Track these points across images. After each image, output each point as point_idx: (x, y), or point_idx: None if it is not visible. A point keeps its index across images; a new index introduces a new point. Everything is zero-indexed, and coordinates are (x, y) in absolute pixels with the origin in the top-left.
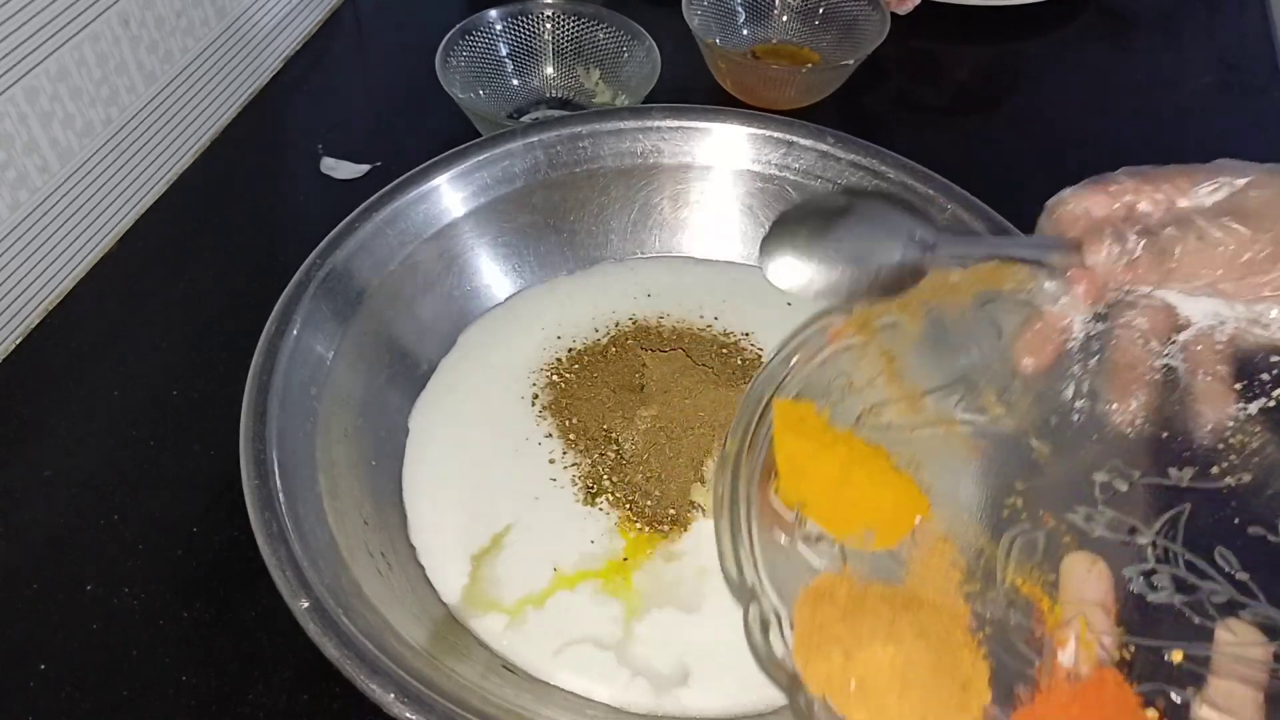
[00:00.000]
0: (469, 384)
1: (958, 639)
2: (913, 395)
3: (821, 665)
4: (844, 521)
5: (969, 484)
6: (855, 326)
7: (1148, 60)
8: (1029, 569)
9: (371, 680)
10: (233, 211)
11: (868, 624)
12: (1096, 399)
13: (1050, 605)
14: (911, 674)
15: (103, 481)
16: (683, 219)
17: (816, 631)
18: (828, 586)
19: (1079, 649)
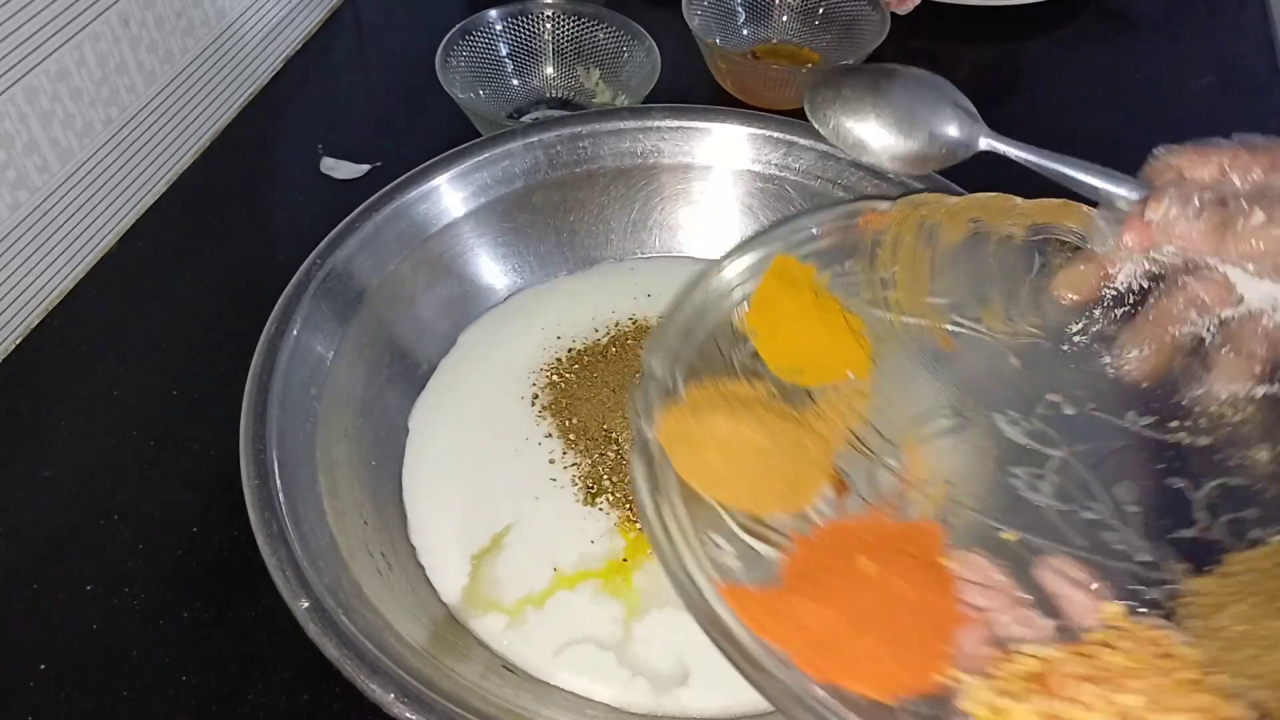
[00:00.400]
0: (469, 384)
1: (812, 454)
2: (919, 292)
3: (674, 421)
4: (782, 353)
5: (922, 374)
6: (895, 220)
7: (1148, 60)
8: (923, 439)
9: (371, 680)
10: (233, 211)
11: (736, 407)
12: (1098, 339)
13: (919, 468)
14: (741, 450)
15: (103, 481)
16: (683, 219)
17: (689, 404)
18: (729, 386)
19: (924, 502)
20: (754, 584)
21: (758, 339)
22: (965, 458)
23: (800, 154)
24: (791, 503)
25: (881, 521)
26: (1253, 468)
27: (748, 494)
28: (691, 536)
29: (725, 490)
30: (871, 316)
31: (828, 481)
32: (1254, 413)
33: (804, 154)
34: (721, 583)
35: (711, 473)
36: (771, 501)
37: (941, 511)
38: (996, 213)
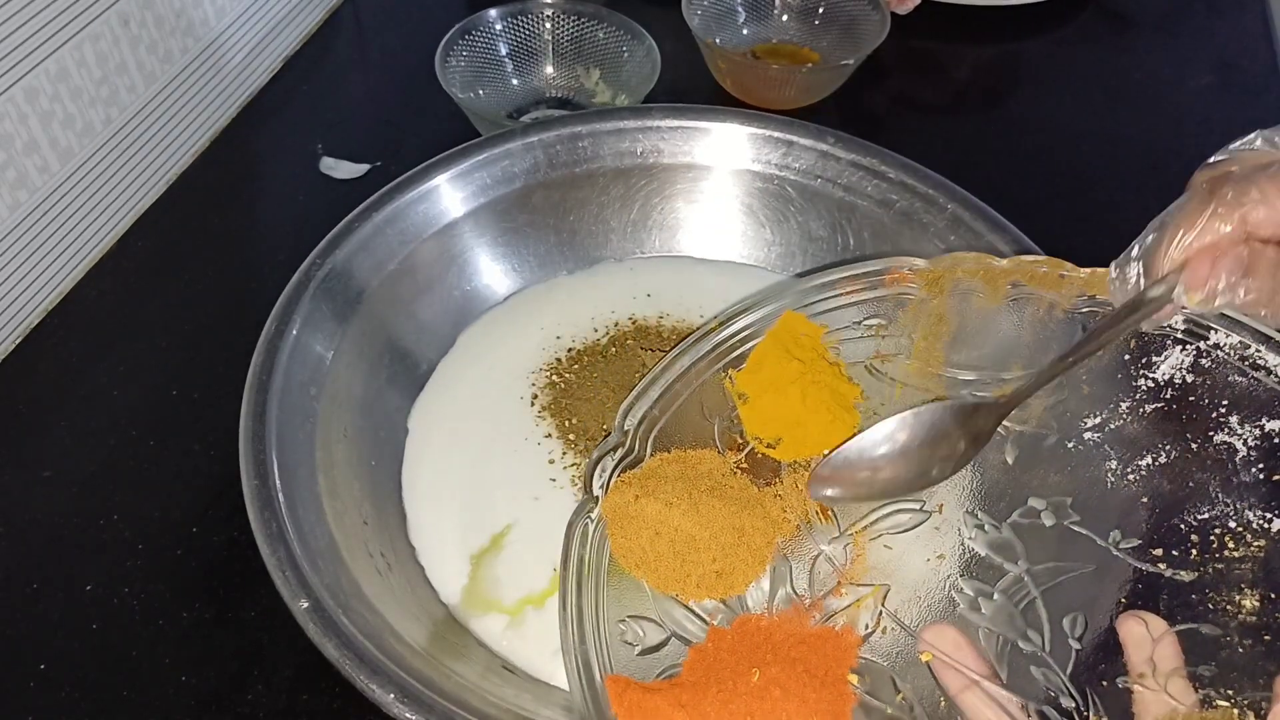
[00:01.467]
0: (468, 384)
1: (751, 543)
2: (932, 363)
3: (621, 493)
4: (763, 421)
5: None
6: (926, 279)
7: (1148, 60)
8: (877, 533)
9: (371, 680)
10: (233, 211)
11: (684, 488)
12: (1113, 439)
13: (861, 565)
14: (675, 537)
15: (103, 481)
16: (682, 219)
17: (642, 476)
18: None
19: (853, 606)
20: (652, 676)
21: (744, 404)
22: (915, 561)
23: (800, 154)
24: (718, 591)
25: (801, 623)
26: (1232, 615)
27: (676, 579)
28: (605, 618)
29: (654, 573)
30: (873, 385)
31: (763, 572)
32: (1260, 549)
33: (804, 154)
34: (611, 672)
35: (645, 554)
36: (699, 589)
37: (869, 619)
38: (1044, 280)
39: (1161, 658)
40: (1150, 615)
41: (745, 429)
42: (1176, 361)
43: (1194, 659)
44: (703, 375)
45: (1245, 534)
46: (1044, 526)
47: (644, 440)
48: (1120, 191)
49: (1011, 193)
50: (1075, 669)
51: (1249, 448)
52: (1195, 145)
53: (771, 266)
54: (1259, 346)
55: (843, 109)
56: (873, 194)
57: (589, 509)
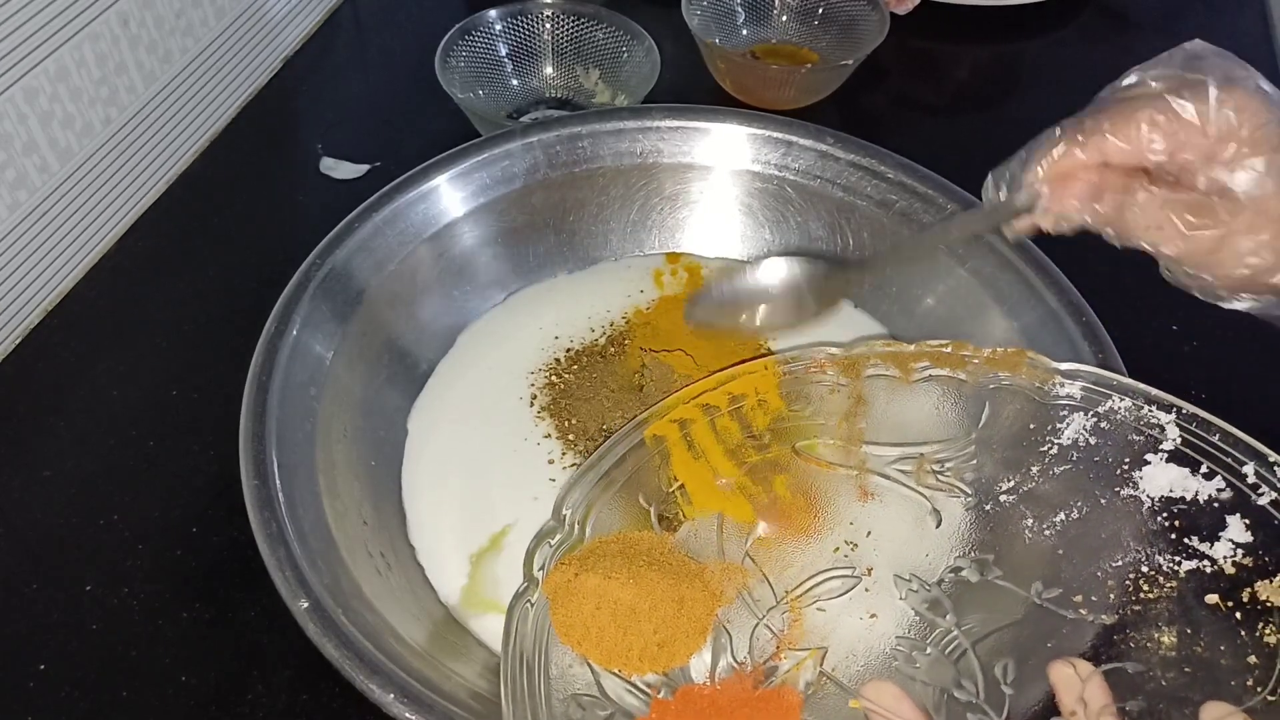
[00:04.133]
0: (468, 384)
1: (692, 613)
2: (855, 439)
3: (561, 573)
4: (701, 500)
5: (831, 531)
6: (842, 368)
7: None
8: (812, 598)
9: (371, 680)
10: (233, 211)
11: (623, 563)
12: (1027, 499)
13: (799, 629)
14: (615, 610)
15: (103, 481)
16: (682, 219)
17: (583, 555)
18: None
19: (792, 669)
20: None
21: (681, 490)
22: (849, 622)
23: (799, 154)
24: (661, 663)
25: (744, 688)
26: (1152, 652)
27: (619, 653)
28: (549, 698)
29: (597, 648)
30: (798, 465)
31: (703, 642)
32: (1172, 589)
33: (803, 154)
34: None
35: (587, 628)
36: (641, 662)
37: (809, 678)
38: (950, 361)
39: (1091, 697)
40: (1078, 660)
41: (685, 510)
42: (1079, 426)
43: (1122, 695)
44: (640, 463)
45: (1158, 576)
46: (970, 582)
47: (583, 525)
48: None
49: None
50: (1010, 713)
51: (1152, 499)
52: None
53: None
54: (1150, 407)
55: (842, 109)
56: (872, 194)
57: (529, 592)
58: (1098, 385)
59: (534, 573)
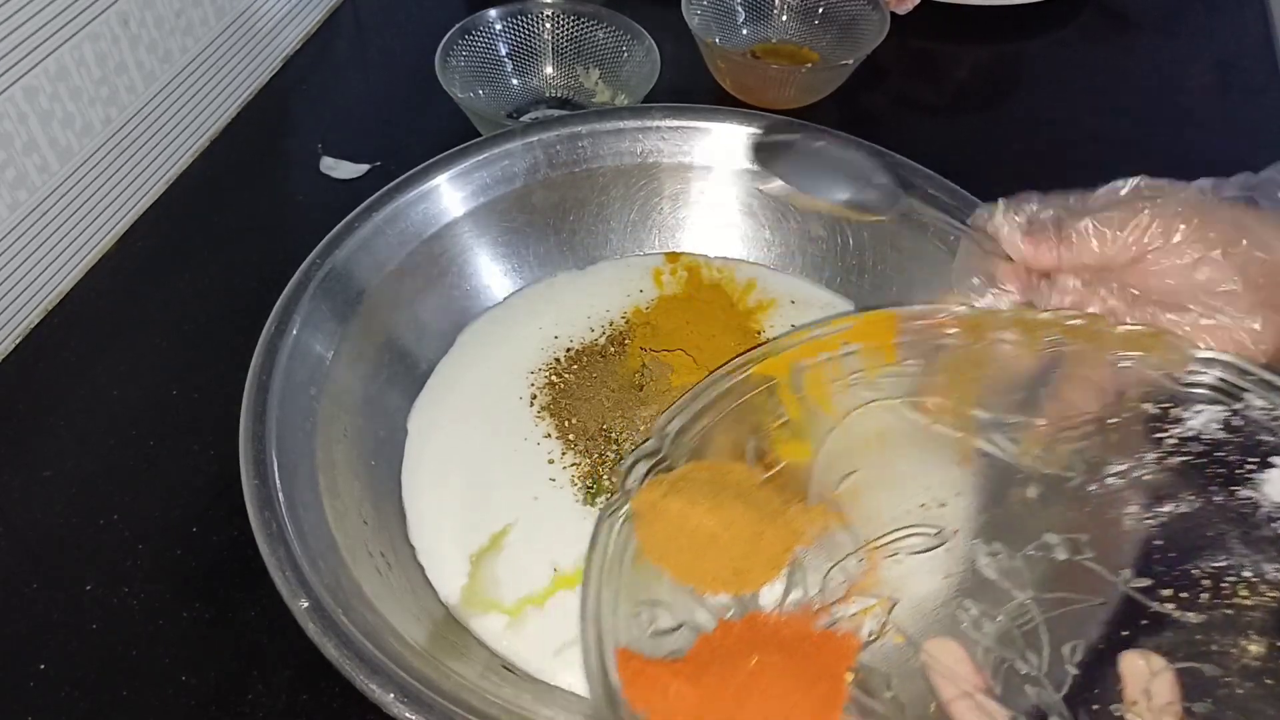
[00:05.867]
0: (468, 384)
1: (768, 548)
2: (965, 403)
3: (652, 491)
4: (803, 440)
5: (924, 488)
6: (966, 328)
7: (1148, 60)
8: (892, 551)
9: (371, 680)
10: (233, 211)
11: (712, 491)
12: (1135, 486)
13: (873, 578)
14: (696, 533)
15: (103, 481)
16: (682, 219)
17: (675, 478)
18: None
19: (860, 613)
20: (659, 655)
21: (781, 428)
22: (924, 579)
23: None
24: (733, 588)
25: (807, 624)
26: (1235, 659)
27: (693, 573)
28: (624, 599)
29: (675, 564)
30: (904, 418)
31: (776, 575)
32: (1273, 600)
33: None
34: (622, 645)
35: (667, 546)
36: (714, 584)
37: (873, 627)
38: (1082, 334)
39: (1158, 691)
40: (1151, 653)
41: (780, 449)
42: (1207, 418)
43: (1191, 695)
44: (745, 397)
45: (1260, 584)
46: (1055, 559)
47: (679, 449)
48: None
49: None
50: (1070, 691)
51: (1274, 504)
52: (1195, 145)
53: (771, 266)
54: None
55: (842, 109)
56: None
57: (619, 504)
58: (1236, 378)
59: (627, 486)
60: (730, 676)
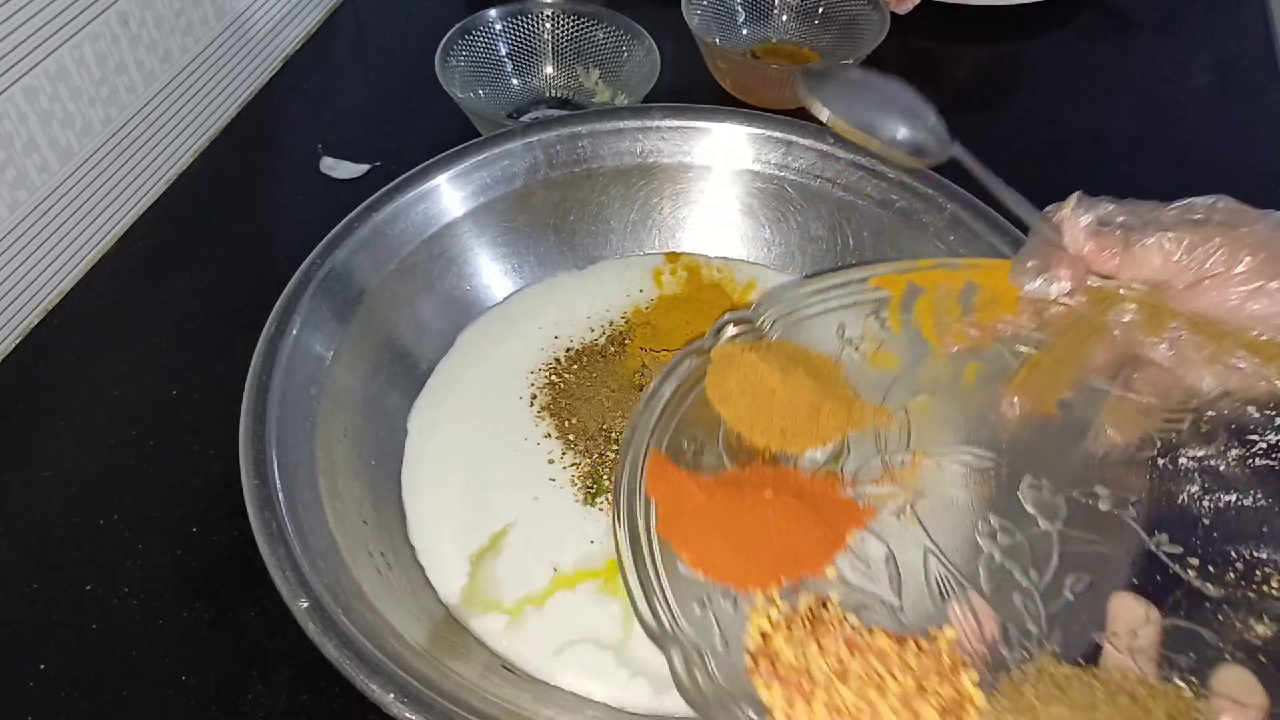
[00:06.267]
0: (468, 384)
1: (823, 422)
2: (1071, 368)
3: (731, 347)
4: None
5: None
6: (1092, 299)
7: (1148, 60)
8: (938, 457)
9: (371, 680)
10: (232, 211)
11: (788, 363)
12: (1208, 472)
13: (911, 474)
14: (759, 389)
15: (103, 481)
16: (682, 218)
17: (760, 344)
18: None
19: (884, 497)
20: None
21: (882, 334)
22: (959, 488)
23: (800, 154)
24: (777, 444)
25: (833, 489)
26: (1238, 633)
27: (746, 421)
28: (673, 424)
29: (730, 410)
30: (1000, 362)
31: (823, 446)
32: None
33: (803, 154)
34: (658, 449)
35: (726, 395)
36: (762, 436)
37: (893, 511)
38: (1208, 331)
39: (1145, 635)
40: (1151, 605)
41: (872, 356)
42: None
43: (1177, 648)
44: (854, 297)
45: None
46: (1097, 509)
47: (774, 325)
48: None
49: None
50: (1056, 614)
51: None
52: (1195, 145)
53: (771, 266)
54: None
55: None
56: (872, 194)
57: (700, 349)
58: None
59: (714, 335)
60: (741, 498)
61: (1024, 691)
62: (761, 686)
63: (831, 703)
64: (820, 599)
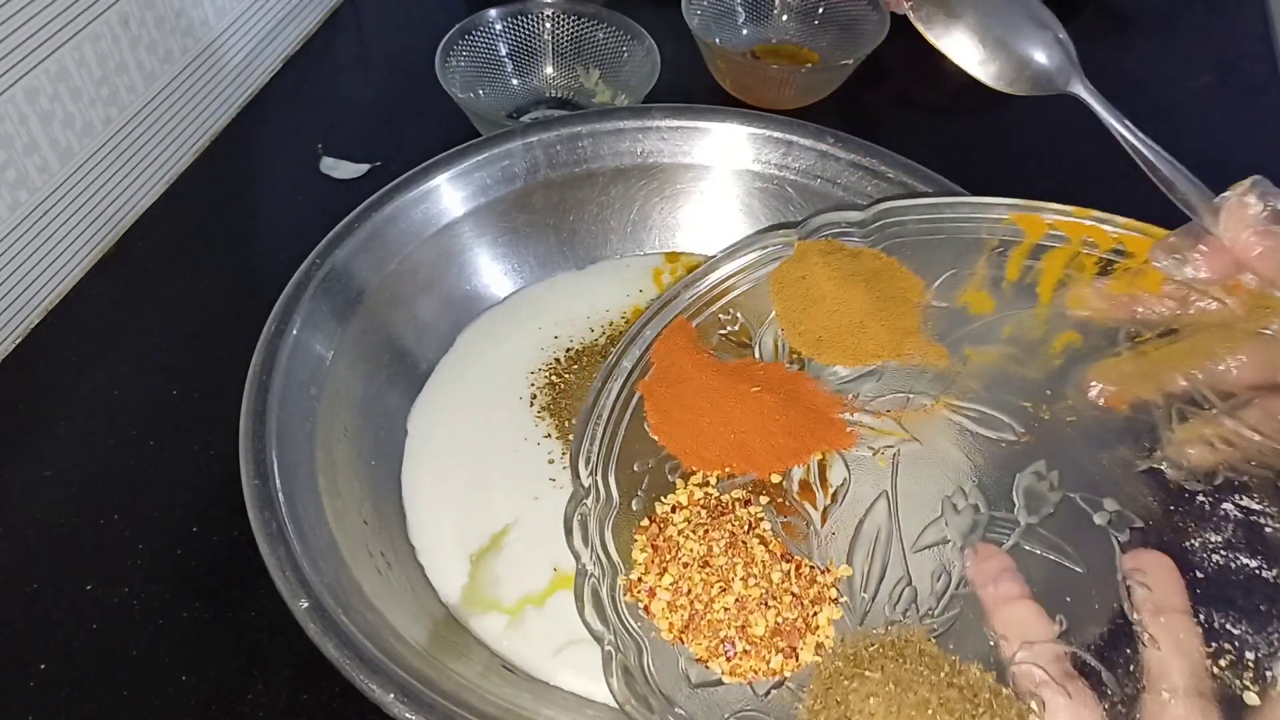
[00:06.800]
0: (468, 384)
1: (868, 345)
2: (1177, 361)
3: (820, 244)
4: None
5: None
6: (1246, 302)
7: (1148, 60)
8: (968, 410)
9: (371, 680)
10: (232, 211)
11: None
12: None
13: (923, 419)
14: (823, 299)
15: (103, 481)
16: (682, 219)
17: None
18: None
19: (877, 430)
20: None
21: (992, 276)
22: (957, 449)
23: (800, 154)
24: (806, 350)
25: (831, 404)
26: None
27: (788, 319)
28: (722, 300)
29: (780, 305)
30: (1109, 349)
31: (854, 365)
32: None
33: (803, 154)
34: (686, 318)
35: (786, 289)
36: (796, 338)
37: (874, 442)
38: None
39: (1042, 650)
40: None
41: (972, 301)
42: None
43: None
44: (978, 227)
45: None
46: (1089, 520)
47: (878, 233)
48: (1120, 191)
49: (1011, 192)
50: (963, 594)
51: None
52: (1195, 145)
53: None
54: None
55: (843, 109)
56: (873, 194)
57: (792, 242)
58: None
59: (805, 230)
60: (727, 386)
61: (867, 645)
62: (639, 546)
63: (677, 583)
64: (745, 498)
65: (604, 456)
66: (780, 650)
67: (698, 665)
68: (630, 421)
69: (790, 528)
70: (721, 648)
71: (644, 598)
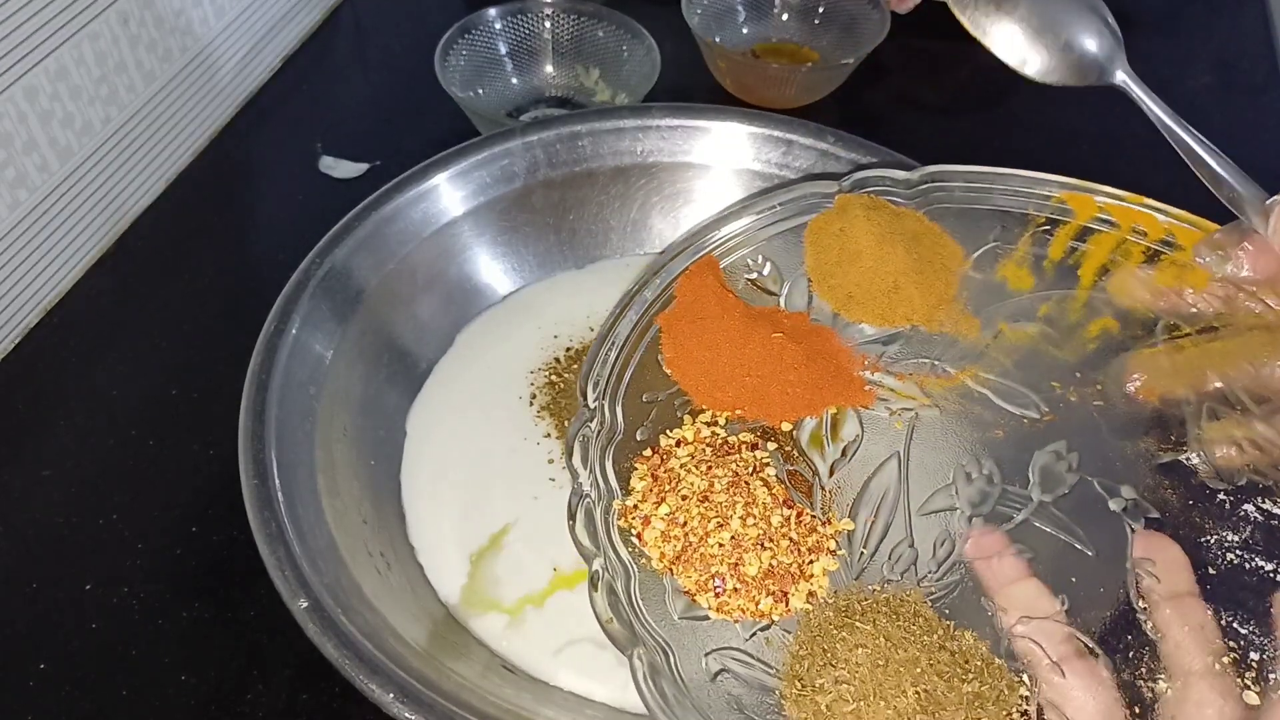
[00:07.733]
0: (467, 383)
1: (898, 308)
2: (1210, 361)
3: (857, 199)
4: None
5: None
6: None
7: (1148, 60)
8: (992, 383)
9: (371, 680)
10: (232, 211)
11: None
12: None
13: (945, 386)
14: (858, 253)
15: (103, 481)
16: (682, 218)
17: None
18: None
19: (899, 393)
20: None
21: (1036, 254)
22: (976, 422)
23: (800, 153)
24: (836, 306)
25: (853, 362)
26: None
27: (819, 273)
28: (754, 244)
29: (813, 259)
30: (1148, 338)
31: (882, 325)
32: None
33: (804, 153)
34: (714, 256)
35: (821, 243)
36: (826, 293)
37: (902, 409)
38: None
39: (1040, 627)
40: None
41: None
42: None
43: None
44: (1025, 201)
45: None
46: (1103, 506)
47: (923, 197)
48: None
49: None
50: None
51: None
52: None
53: None
54: None
55: (843, 108)
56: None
57: (835, 193)
58: None
59: (850, 183)
60: (749, 330)
61: (861, 599)
62: (639, 474)
63: (674, 514)
64: (753, 441)
65: (613, 383)
66: (771, 593)
67: (685, 598)
68: (644, 353)
69: (795, 476)
70: (711, 583)
71: (638, 525)
